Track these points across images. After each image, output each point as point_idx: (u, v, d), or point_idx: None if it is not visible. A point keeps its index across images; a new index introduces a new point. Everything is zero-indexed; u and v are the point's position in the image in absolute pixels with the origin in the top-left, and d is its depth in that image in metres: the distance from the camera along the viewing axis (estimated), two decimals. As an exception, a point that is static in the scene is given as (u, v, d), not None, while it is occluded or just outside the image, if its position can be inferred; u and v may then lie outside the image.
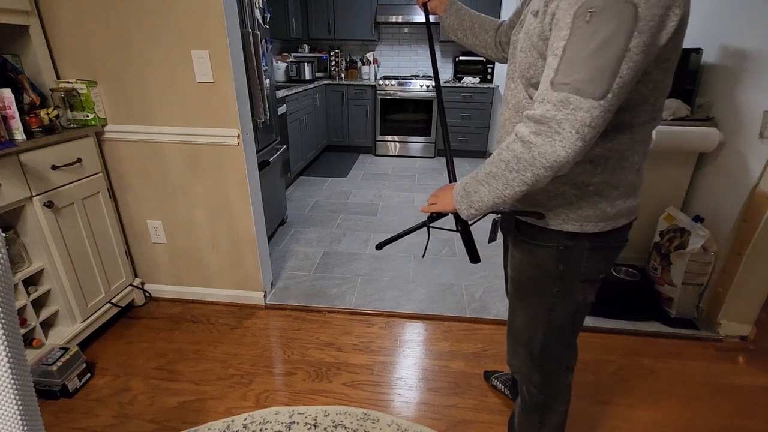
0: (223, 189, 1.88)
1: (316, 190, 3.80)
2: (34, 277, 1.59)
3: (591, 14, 0.62)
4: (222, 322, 1.97)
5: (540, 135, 0.67)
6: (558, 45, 0.66)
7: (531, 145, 0.69)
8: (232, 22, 1.66)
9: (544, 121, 0.67)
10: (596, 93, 0.64)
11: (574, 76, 0.64)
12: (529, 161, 0.70)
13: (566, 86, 0.65)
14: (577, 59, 0.64)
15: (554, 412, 1.08)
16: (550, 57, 0.68)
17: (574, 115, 0.64)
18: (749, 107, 1.77)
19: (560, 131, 0.66)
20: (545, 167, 0.69)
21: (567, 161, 0.67)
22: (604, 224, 0.84)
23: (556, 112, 0.65)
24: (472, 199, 0.82)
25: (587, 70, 0.63)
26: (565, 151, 0.66)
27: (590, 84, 0.63)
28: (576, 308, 0.95)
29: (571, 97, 0.64)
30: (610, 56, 0.63)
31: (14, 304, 0.66)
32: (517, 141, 0.72)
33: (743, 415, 1.50)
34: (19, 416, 0.68)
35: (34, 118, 1.53)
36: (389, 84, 4.74)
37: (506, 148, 0.74)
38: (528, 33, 0.77)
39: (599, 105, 0.64)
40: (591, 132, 0.66)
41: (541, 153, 0.68)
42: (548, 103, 0.66)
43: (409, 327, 1.95)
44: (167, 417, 1.46)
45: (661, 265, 2.00)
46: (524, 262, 0.96)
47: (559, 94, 0.65)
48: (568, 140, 0.65)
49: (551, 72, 0.67)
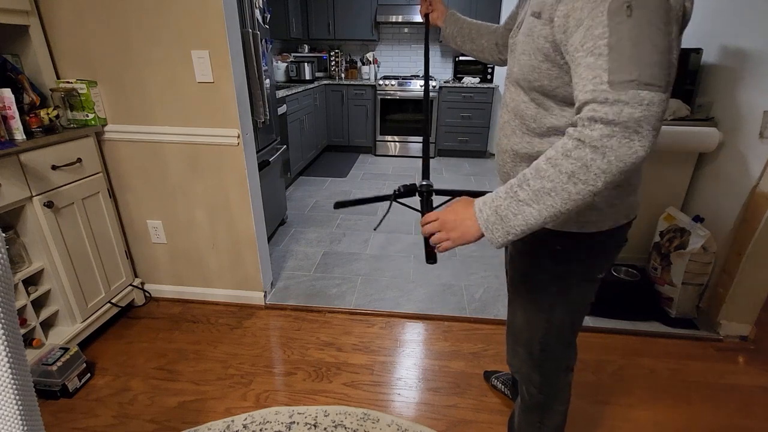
0: (223, 189, 1.88)
1: (316, 190, 3.80)
2: (34, 277, 1.59)
3: (629, 8, 0.61)
4: (222, 322, 1.97)
5: (615, 137, 0.61)
6: (598, 44, 0.63)
7: (606, 150, 0.62)
8: (232, 22, 1.66)
9: (620, 121, 0.61)
10: (663, 84, 0.61)
11: (637, 71, 0.61)
12: (603, 168, 0.63)
13: (632, 83, 0.61)
14: (632, 54, 0.61)
15: (554, 412, 1.08)
16: (590, 57, 0.64)
17: (650, 110, 0.61)
18: (749, 107, 1.77)
19: (639, 130, 0.61)
20: (622, 171, 0.63)
21: (644, 159, 0.63)
22: (603, 224, 0.84)
23: (633, 111, 0.61)
24: (510, 224, 0.70)
25: (648, 64, 0.61)
26: (645, 151, 0.62)
27: (656, 77, 0.61)
28: (576, 308, 0.95)
29: (642, 93, 0.60)
30: (663, 46, 0.62)
31: (14, 304, 0.66)
32: (583, 147, 0.63)
33: (743, 415, 1.50)
34: (19, 416, 0.68)
35: (34, 118, 1.53)
36: (389, 84, 4.74)
37: (565, 157, 0.65)
38: (531, 35, 0.75)
39: (667, 97, 0.62)
40: (660, 125, 0.63)
41: (619, 156, 0.62)
42: (618, 103, 0.61)
43: (409, 327, 1.95)
44: (167, 417, 1.46)
45: (661, 265, 2.00)
46: (523, 262, 0.96)
47: (628, 93, 0.61)
48: (647, 138, 0.61)
49: (602, 72, 0.62)
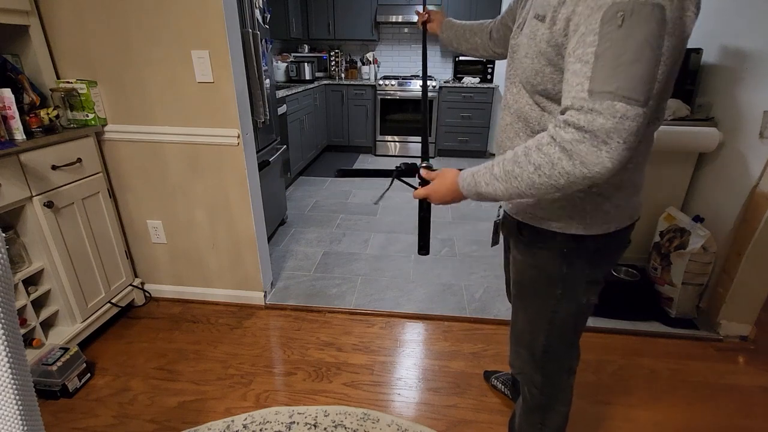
0: (223, 189, 1.88)
1: (316, 190, 3.80)
2: (34, 277, 1.59)
3: (622, 18, 0.60)
4: (222, 322, 1.97)
5: (584, 143, 0.64)
6: (586, 51, 0.63)
7: (573, 154, 0.65)
8: (232, 22, 1.66)
9: (590, 129, 0.63)
10: (641, 99, 0.61)
11: (616, 83, 0.61)
12: (567, 169, 0.66)
13: (609, 94, 0.62)
14: (616, 66, 0.61)
15: (555, 413, 1.08)
16: (578, 64, 0.65)
17: (622, 124, 0.61)
18: (749, 107, 1.77)
19: (608, 141, 0.62)
20: (586, 177, 0.65)
21: (611, 172, 0.64)
22: (607, 225, 0.83)
23: (605, 121, 0.62)
24: (481, 191, 0.79)
25: (629, 78, 0.61)
26: (612, 163, 0.63)
27: (635, 91, 0.61)
28: (579, 310, 0.94)
29: (618, 105, 0.61)
30: (649, 61, 0.61)
31: (14, 304, 0.66)
32: (554, 145, 0.67)
33: (743, 415, 1.50)
34: (19, 416, 0.68)
35: (34, 118, 1.53)
36: (389, 84, 4.74)
37: (537, 150, 0.69)
38: (534, 39, 0.75)
39: (644, 112, 0.62)
40: (636, 140, 0.63)
41: (585, 163, 0.64)
42: (592, 112, 0.63)
43: (409, 327, 1.95)
44: (167, 417, 1.46)
45: (661, 265, 2.00)
46: (526, 264, 0.95)
47: (603, 103, 0.62)
48: (616, 151, 0.62)
49: (584, 80, 0.64)
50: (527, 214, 0.90)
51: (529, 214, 0.89)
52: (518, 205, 0.92)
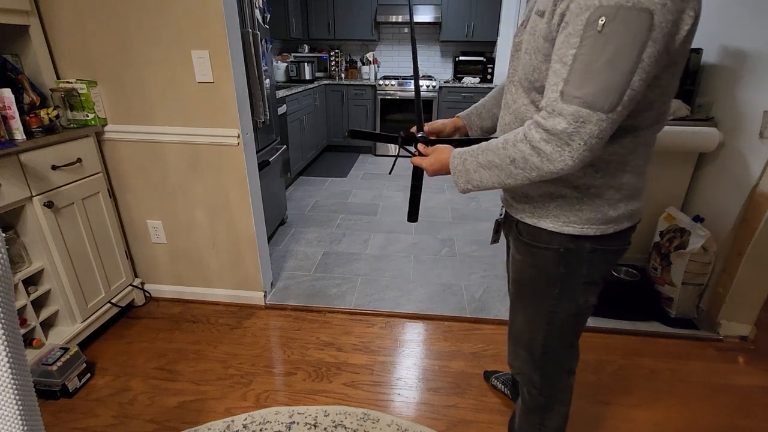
0: (223, 189, 1.88)
1: (316, 190, 3.80)
2: (34, 277, 1.59)
3: (604, 23, 0.61)
4: (222, 322, 1.97)
5: (550, 143, 0.70)
6: (567, 52, 0.66)
7: (540, 152, 0.71)
8: (232, 22, 1.66)
9: (555, 132, 0.69)
10: (605, 107, 0.65)
11: (585, 89, 0.65)
12: (536, 165, 0.73)
13: (577, 99, 0.65)
14: (588, 71, 0.64)
15: (555, 414, 1.08)
16: (558, 63, 0.68)
17: (583, 128, 0.66)
18: (749, 107, 1.77)
19: (570, 143, 0.68)
20: (551, 172, 0.72)
21: (573, 168, 0.71)
22: (606, 227, 0.83)
23: (567, 126, 0.67)
24: (471, 177, 0.84)
25: (598, 84, 0.64)
26: (573, 161, 0.69)
27: (600, 98, 0.64)
28: (577, 310, 0.94)
29: (582, 111, 0.65)
30: (622, 69, 0.63)
31: (14, 304, 0.66)
32: (525, 142, 0.73)
33: (743, 415, 1.50)
34: (19, 416, 0.68)
35: (34, 118, 1.53)
36: (389, 84, 4.74)
37: (512, 145, 0.75)
38: (533, 35, 0.76)
39: (608, 117, 0.66)
40: (599, 143, 0.68)
41: (550, 160, 0.71)
42: (558, 115, 0.68)
43: (409, 327, 1.95)
44: (167, 417, 1.46)
45: (661, 265, 2.00)
46: (525, 263, 0.95)
47: (570, 107, 0.66)
48: (577, 151, 0.68)
49: (560, 81, 0.67)
50: (526, 214, 0.90)
51: (528, 213, 0.89)
52: (518, 204, 0.92)
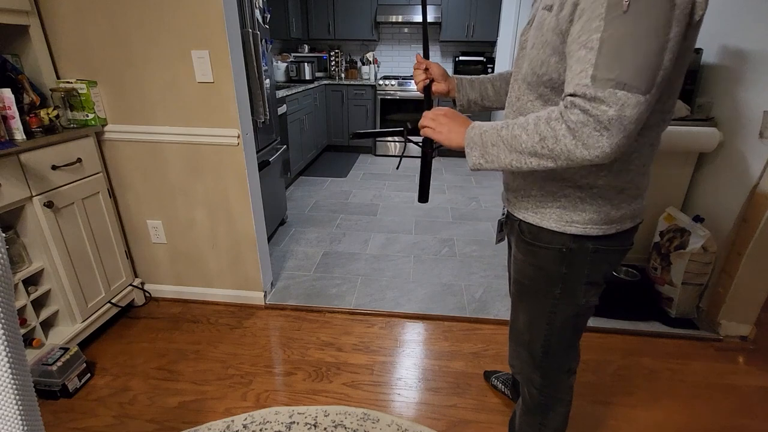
0: (223, 189, 1.88)
1: (316, 190, 3.80)
2: (34, 277, 1.59)
3: (629, 3, 0.60)
4: (222, 322, 1.97)
5: (588, 126, 0.65)
6: (591, 37, 0.64)
7: (576, 133, 0.66)
8: (232, 22, 1.66)
9: (593, 114, 0.64)
10: (642, 88, 0.62)
11: (618, 71, 0.62)
12: (569, 147, 0.68)
13: (611, 81, 0.62)
14: (619, 52, 0.62)
15: (555, 414, 1.08)
16: (582, 50, 0.65)
17: (623, 111, 0.63)
18: (749, 107, 1.77)
19: (609, 128, 0.64)
20: (584, 159, 0.67)
21: (609, 157, 0.67)
22: (608, 227, 0.83)
23: (607, 109, 0.63)
24: (488, 152, 0.78)
25: (632, 65, 0.61)
26: (611, 148, 0.65)
27: (637, 79, 0.62)
28: (578, 311, 0.94)
29: (619, 93, 0.62)
30: (654, 48, 0.61)
31: (14, 304, 0.66)
32: (561, 122, 0.68)
33: (743, 415, 1.50)
34: (19, 416, 0.68)
35: (34, 118, 1.53)
36: (389, 84, 4.74)
37: (545, 122, 0.70)
38: (541, 29, 0.75)
39: (645, 100, 0.63)
40: (636, 128, 0.64)
41: (586, 145, 0.66)
42: (596, 99, 0.64)
43: (409, 327, 1.95)
44: (167, 417, 1.46)
45: (661, 265, 2.00)
46: (526, 263, 0.95)
47: (605, 91, 0.63)
48: (616, 137, 0.64)
49: (588, 66, 0.64)
50: (529, 213, 0.89)
51: (530, 212, 0.89)
52: (520, 203, 0.92)
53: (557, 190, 0.83)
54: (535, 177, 0.86)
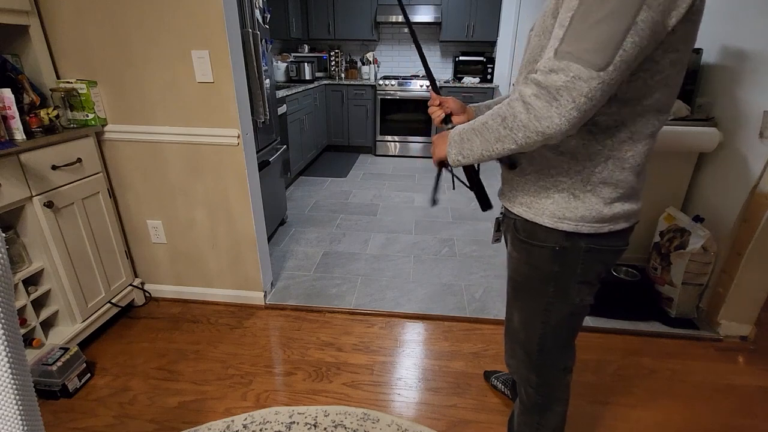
0: (223, 189, 1.88)
1: (316, 190, 3.80)
2: (34, 277, 1.59)
3: None
4: (222, 322, 1.97)
5: (540, 98, 0.67)
6: (566, 16, 0.67)
7: (529, 107, 0.69)
8: (232, 22, 1.66)
9: (545, 86, 0.67)
10: (597, 63, 0.64)
11: (577, 45, 0.64)
12: (524, 122, 0.70)
13: (569, 54, 0.65)
14: (582, 29, 0.64)
15: (552, 413, 1.08)
16: (558, 28, 0.68)
17: (573, 83, 0.64)
18: (749, 107, 1.77)
19: (558, 98, 0.66)
20: (537, 132, 0.69)
21: (560, 130, 0.68)
22: (600, 226, 0.83)
23: (557, 79, 0.65)
24: (464, 147, 0.82)
25: (590, 40, 0.64)
26: (560, 119, 0.66)
27: (592, 54, 0.63)
28: (573, 309, 0.94)
29: (572, 65, 0.64)
30: (616, 27, 0.63)
31: (14, 304, 0.66)
32: (519, 100, 0.71)
33: (743, 415, 1.50)
34: (19, 416, 0.68)
35: (34, 118, 1.53)
36: (389, 84, 4.74)
37: (507, 104, 0.74)
38: (545, 16, 0.77)
39: (598, 76, 0.64)
40: (587, 104, 0.66)
41: (537, 117, 0.68)
42: (551, 71, 0.66)
43: (409, 327, 1.95)
44: (167, 417, 1.46)
45: (661, 265, 2.00)
46: (521, 261, 0.95)
47: (561, 62, 0.65)
48: (564, 108, 0.66)
49: (556, 42, 0.67)
50: (523, 208, 0.90)
51: (525, 208, 0.89)
52: (515, 197, 0.92)
53: (551, 186, 0.84)
54: (529, 171, 0.87)
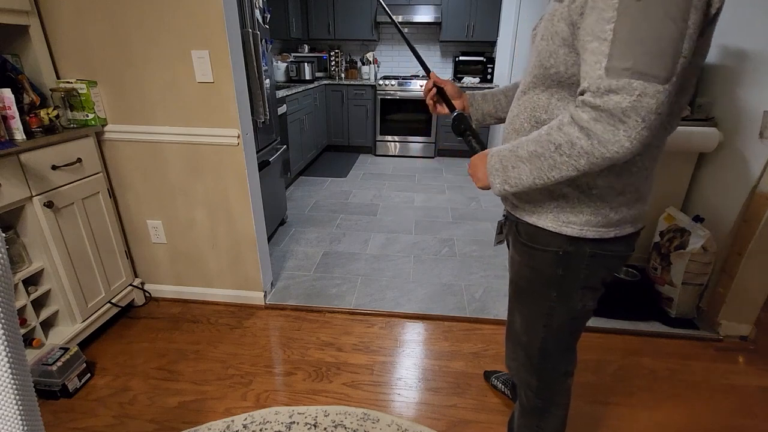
0: (223, 189, 1.88)
1: (316, 190, 3.80)
2: (34, 277, 1.59)
3: None
4: (222, 322, 1.97)
5: (600, 122, 0.62)
6: (605, 28, 0.61)
7: (590, 133, 0.64)
8: (232, 22, 1.66)
9: (605, 108, 0.62)
10: (661, 76, 0.59)
11: (634, 59, 0.59)
12: (586, 149, 0.65)
13: (627, 71, 0.59)
14: (635, 41, 0.59)
15: (552, 417, 1.07)
16: (595, 42, 0.63)
17: (640, 102, 0.59)
18: (749, 107, 1.77)
19: (625, 120, 0.60)
20: (604, 157, 0.64)
21: (631, 152, 0.63)
22: (606, 230, 0.81)
23: (621, 100, 0.60)
24: (509, 175, 0.77)
25: (649, 53, 0.59)
26: (630, 142, 0.62)
27: (654, 67, 0.59)
28: (575, 315, 0.92)
29: (635, 83, 0.59)
30: (671, 35, 0.58)
31: (14, 304, 0.66)
32: (573, 125, 0.66)
33: (743, 415, 1.50)
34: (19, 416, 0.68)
35: (34, 118, 1.53)
36: (389, 84, 4.74)
37: (557, 129, 0.69)
38: (552, 20, 0.73)
39: (665, 89, 0.59)
40: (657, 119, 0.61)
41: (602, 142, 0.63)
42: (609, 92, 0.61)
43: (409, 327, 1.95)
44: (167, 417, 1.46)
45: (661, 265, 2.00)
46: (523, 264, 0.94)
47: (619, 81, 0.60)
48: (634, 129, 0.61)
49: (602, 57, 0.62)
50: (526, 212, 0.88)
51: (528, 212, 0.87)
52: (518, 202, 0.90)
53: (555, 189, 0.82)
54: None
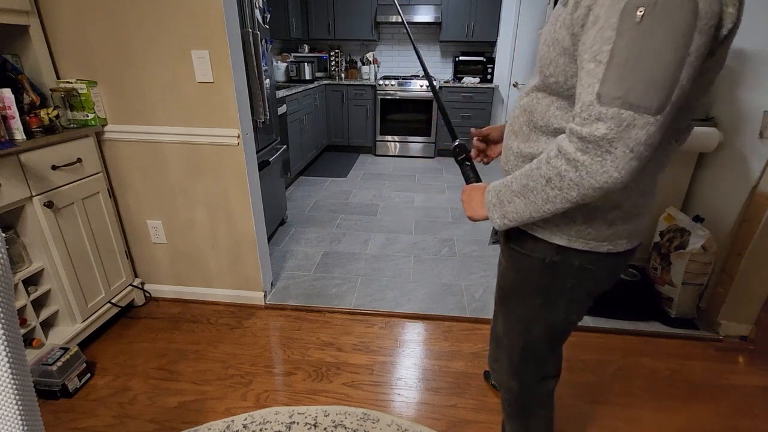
0: (223, 189, 1.88)
1: (316, 190, 3.80)
2: (34, 277, 1.59)
3: (643, 13, 0.54)
4: (222, 322, 1.97)
5: (588, 153, 0.60)
6: (602, 48, 0.58)
7: (578, 164, 0.62)
8: (232, 22, 1.66)
9: (593, 139, 0.59)
10: (653, 107, 0.56)
11: (626, 87, 0.56)
12: (575, 181, 0.63)
13: (617, 100, 0.57)
14: (630, 68, 0.56)
15: (537, 419, 1.05)
16: (592, 63, 0.60)
17: (627, 133, 0.57)
18: (749, 107, 1.77)
19: (612, 150, 0.58)
20: (594, 188, 0.62)
21: (621, 182, 0.61)
22: (598, 244, 0.77)
23: (607, 131, 0.58)
24: (506, 209, 0.76)
25: (642, 82, 0.56)
26: (619, 173, 0.59)
27: (647, 98, 0.56)
28: (556, 325, 0.91)
29: (624, 113, 0.57)
30: (668, 64, 0.55)
31: (14, 304, 0.66)
32: (560, 157, 0.64)
33: (743, 415, 1.50)
34: (19, 416, 0.68)
35: (34, 118, 1.53)
36: (389, 84, 4.74)
37: (546, 162, 0.67)
38: (555, 25, 0.69)
39: (656, 120, 0.57)
40: (647, 150, 0.59)
41: (590, 173, 0.61)
42: (596, 120, 0.59)
43: (409, 327, 1.95)
44: (167, 417, 1.46)
45: (661, 265, 2.00)
46: (509, 268, 0.92)
47: (609, 110, 0.57)
48: (622, 160, 0.58)
49: (595, 82, 0.59)
50: None
51: None
52: None
53: None
54: None
